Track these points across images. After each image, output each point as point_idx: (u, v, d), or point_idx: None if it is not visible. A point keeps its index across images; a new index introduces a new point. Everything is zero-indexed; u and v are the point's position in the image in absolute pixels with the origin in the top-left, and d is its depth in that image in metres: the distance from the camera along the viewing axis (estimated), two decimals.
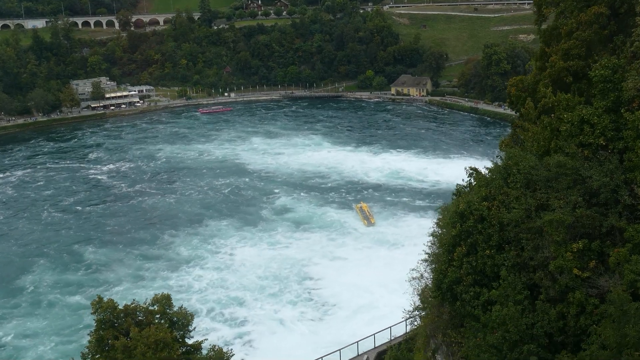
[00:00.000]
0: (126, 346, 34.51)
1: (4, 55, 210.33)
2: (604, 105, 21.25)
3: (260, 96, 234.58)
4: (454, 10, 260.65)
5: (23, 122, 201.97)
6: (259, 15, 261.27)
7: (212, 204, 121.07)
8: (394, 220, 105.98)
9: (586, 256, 19.36)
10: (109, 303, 37.09)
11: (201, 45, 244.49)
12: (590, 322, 18.03)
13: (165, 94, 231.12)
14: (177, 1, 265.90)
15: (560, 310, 19.16)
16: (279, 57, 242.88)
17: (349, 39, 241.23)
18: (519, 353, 18.76)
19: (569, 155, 20.97)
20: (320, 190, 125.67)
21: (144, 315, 37.46)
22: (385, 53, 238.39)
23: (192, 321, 38.81)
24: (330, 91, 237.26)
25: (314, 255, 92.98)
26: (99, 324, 36.81)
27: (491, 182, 23.64)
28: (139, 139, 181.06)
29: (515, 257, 21.33)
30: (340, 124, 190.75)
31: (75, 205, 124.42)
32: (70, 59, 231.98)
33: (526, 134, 27.04)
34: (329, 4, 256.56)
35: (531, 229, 20.77)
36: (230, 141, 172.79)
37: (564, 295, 19.31)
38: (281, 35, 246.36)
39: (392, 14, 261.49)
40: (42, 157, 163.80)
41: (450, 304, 24.66)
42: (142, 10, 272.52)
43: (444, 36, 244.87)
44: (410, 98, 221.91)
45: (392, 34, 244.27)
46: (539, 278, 19.98)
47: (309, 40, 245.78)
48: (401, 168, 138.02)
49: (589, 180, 20.11)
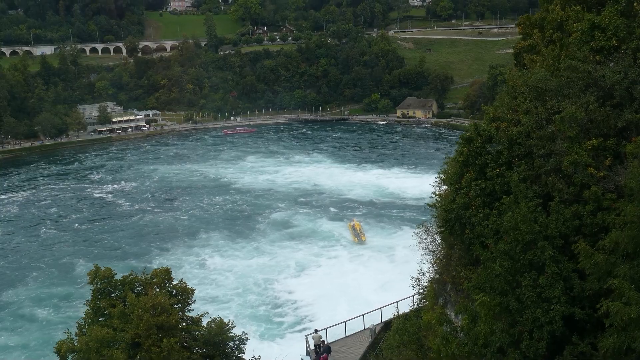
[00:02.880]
0: (123, 312, 33.38)
1: (12, 80, 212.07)
2: (615, 10, 20.43)
3: (266, 120, 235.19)
4: (459, 35, 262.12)
5: (29, 146, 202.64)
6: (265, 41, 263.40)
7: (208, 219, 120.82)
8: (387, 237, 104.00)
9: (601, 155, 18.32)
10: (106, 272, 36.03)
11: (207, 70, 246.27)
12: (608, 218, 16.85)
13: (172, 118, 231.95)
14: (183, 28, 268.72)
15: (575, 210, 18.02)
16: (285, 81, 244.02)
17: (355, 63, 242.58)
18: (532, 255, 17.57)
19: (580, 60, 20.07)
20: (316, 207, 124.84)
21: (142, 286, 36.39)
22: (391, 76, 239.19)
23: (192, 296, 37.69)
24: (336, 114, 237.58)
25: (299, 264, 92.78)
26: (95, 293, 35.74)
27: (499, 107, 22.71)
28: (142, 160, 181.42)
29: (527, 170, 20.26)
30: (347, 144, 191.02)
31: (74, 222, 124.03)
32: (78, 84, 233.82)
33: (533, 57, 26.10)
34: (334, 29, 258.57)
35: (542, 137, 19.73)
36: (230, 160, 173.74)
37: (579, 197, 18.20)
38: (287, 59, 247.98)
39: (397, 39, 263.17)
40: (46, 179, 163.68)
41: (459, 237, 23.48)
42: (149, 37, 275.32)
43: (448, 59, 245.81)
44: (415, 120, 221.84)
45: (397, 58, 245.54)
46: (551, 182, 18.82)
47: (315, 65, 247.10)
48: (403, 186, 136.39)
49: (601, 81, 19.16)
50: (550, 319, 16.97)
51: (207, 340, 34.74)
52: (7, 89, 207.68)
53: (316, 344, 35.73)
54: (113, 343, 31.72)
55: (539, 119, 20.43)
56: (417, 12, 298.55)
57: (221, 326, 35.39)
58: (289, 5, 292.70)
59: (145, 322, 31.65)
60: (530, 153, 20.70)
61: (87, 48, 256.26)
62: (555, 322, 16.89)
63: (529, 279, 17.58)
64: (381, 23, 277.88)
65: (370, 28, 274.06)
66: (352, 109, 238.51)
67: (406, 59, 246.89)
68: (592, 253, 16.01)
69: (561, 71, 20.39)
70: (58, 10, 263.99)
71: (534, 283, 17.50)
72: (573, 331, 17.19)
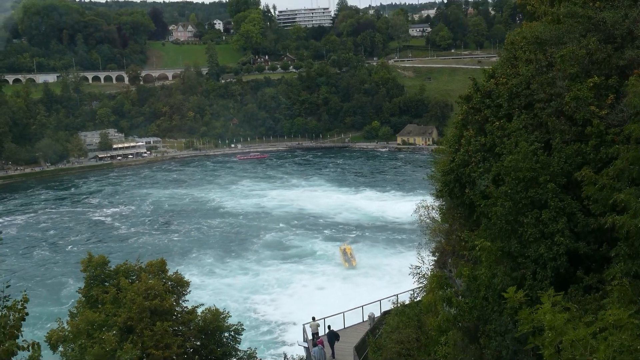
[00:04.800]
0: (115, 297, 32.62)
1: (14, 107, 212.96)
2: None
3: (267, 147, 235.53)
4: (458, 63, 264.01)
5: (30, 172, 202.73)
6: (266, 70, 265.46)
7: (202, 240, 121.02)
8: (381, 258, 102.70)
9: (603, 94, 17.86)
10: (100, 259, 35.38)
11: (209, 98, 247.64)
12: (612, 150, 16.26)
13: (173, 145, 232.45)
14: (185, 57, 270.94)
15: (577, 148, 17.46)
16: (286, 108, 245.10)
17: (355, 91, 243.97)
18: (534, 193, 16.94)
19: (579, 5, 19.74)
20: (310, 229, 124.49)
21: (136, 275, 35.65)
22: (391, 104, 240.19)
23: (187, 287, 36.94)
24: (336, 142, 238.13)
25: (281, 282, 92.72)
26: (88, 280, 35.04)
27: (498, 65, 22.34)
28: (142, 184, 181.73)
29: (527, 119, 19.77)
30: (349, 170, 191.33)
31: (69, 244, 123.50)
32: (80, 112, 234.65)
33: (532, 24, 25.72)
34: (334, 58, 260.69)
35: (543, 82, 19.28)
36: (227, 185, 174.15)
37: (581, 136, 17.66)
38: (288, 87, 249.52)
39: (397, 68, 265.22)
40: (46, 203, 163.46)
41: (459, 199, 22.90)
42: (151, 65, 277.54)
43: (448, 87, 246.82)
44: (416, 147, 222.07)
45: (397, 86, 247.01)
46: (552, 123, 18.29)
47: (315, 92, 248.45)
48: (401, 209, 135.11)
49: (602, 24, 18.79)
50: (554, 255, 16.31)
51: (201, 329, 33.90)
52: (9, 115, 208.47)
53: (313, 332, 34.82)
54: (105, 327, 30.91)
55: (539, 67, 20.04)
56: (417, 42, 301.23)
57: (217, 315, 34.57)
58: (290, 35, 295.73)
59: (138, 305, 30.88)
60: (530, 104, 20.25)
61: (89, 76, 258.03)
62: (560, 257, 16.22)
63: (531, 217, 16.96)
64: (381, 52, 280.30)
65: (370, 57, 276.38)
66: (353, 137, 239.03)
67: (406, 87, 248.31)
68: (597, 179, 15.43)
69: (561, 18, 20.03)
70: (62, 39, 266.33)
71: (536, 221, 16.88)
72: (577, 268, 16.52)
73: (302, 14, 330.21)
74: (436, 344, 23.74)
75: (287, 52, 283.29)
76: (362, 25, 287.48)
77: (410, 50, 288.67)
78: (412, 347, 27.24)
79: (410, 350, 27.24)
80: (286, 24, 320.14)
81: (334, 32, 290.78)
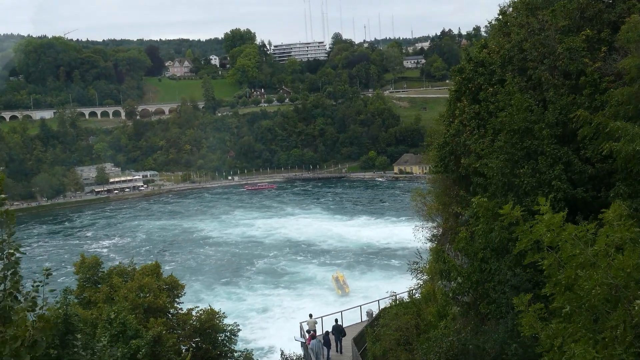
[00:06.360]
0: (108, 296, 32.06)
1: (10, 142, 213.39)
2: None
3: (263, 179, 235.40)
4: None
5: (26, 207, 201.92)
6: (262, 103, 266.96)
7: (195, 268, 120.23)
8: (373, 284, 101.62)
9: (596, 48, 17.74)
10: (93, 260, 34.94)
11: (205, 131, 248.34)
12: (606, 96, 16.07)
13: (169, 178, 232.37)
14: (182, 92, 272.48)
15: (572, 99, 17.26)
16: (282, 140, 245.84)
17: (351, 122, 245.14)
18: (529, 143, 16.65)
19: None
20: (304, 256, 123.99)
21: (130, 277, 35.15)
22: (387, 134, 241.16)
23: (182, 291, 36.49)
24: (333, 172, 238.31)
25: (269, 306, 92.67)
26: (81, 282, 34.54)
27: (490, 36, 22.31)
28: (138, 217, 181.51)
29: (521, 81, 19.62)
30: (347, 199, 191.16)
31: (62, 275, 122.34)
32: (76, 147, 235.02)
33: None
34: (330, 90, 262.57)
35: (535, 42, 19.18)
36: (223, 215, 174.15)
37: (575, 89, 17.47)
38: (284, 119, 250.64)
39: (393, 98, 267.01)
40: (40, 237, 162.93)
41: (455, 172, 22.64)
42: (147, 100, 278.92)
43: None
44: (413, 176, 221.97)
45: (393, 116, 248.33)
46: (546, 78, 18.11)
47: (312, 124, 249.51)
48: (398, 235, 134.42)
49: None
50: (552, 203, 15.96)
51: (197, 329, 33.22)
52: (5, 151, 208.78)
53: (311, 329, 34.09)
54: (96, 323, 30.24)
55: (531, 30, 19.98)
56: (412, 73, 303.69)
57: (212, 314, 33.94)
58: (286, 69, 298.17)
59: (131, 301, 30.32)
60: (524, 69, 20.15)
61: (86, 112, 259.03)
62: (558, 203, 15.88)
63: (528, 167, 16.68)
64: (376, 84, 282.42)
65: (366, 89, 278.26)
66: (350, 167, 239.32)
67: (402, 117, 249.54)
68: (592, 119, 15.20)
69: None
70: (58, 76, 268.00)
71: (533, 171, 16.60)
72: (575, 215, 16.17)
73: (297, 47, 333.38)
74: (435, 329, 23.32)
75: (283, 85, 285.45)
76: (357, 58, 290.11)
77: (405, 82, 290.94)
78: (411, 334, 26.66)
79: (409, 337, 26.65)
80: (282, 58, 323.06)
81: (329, 64, 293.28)
